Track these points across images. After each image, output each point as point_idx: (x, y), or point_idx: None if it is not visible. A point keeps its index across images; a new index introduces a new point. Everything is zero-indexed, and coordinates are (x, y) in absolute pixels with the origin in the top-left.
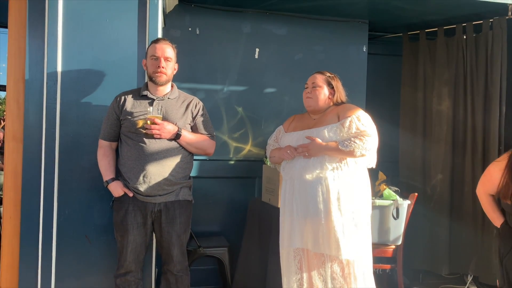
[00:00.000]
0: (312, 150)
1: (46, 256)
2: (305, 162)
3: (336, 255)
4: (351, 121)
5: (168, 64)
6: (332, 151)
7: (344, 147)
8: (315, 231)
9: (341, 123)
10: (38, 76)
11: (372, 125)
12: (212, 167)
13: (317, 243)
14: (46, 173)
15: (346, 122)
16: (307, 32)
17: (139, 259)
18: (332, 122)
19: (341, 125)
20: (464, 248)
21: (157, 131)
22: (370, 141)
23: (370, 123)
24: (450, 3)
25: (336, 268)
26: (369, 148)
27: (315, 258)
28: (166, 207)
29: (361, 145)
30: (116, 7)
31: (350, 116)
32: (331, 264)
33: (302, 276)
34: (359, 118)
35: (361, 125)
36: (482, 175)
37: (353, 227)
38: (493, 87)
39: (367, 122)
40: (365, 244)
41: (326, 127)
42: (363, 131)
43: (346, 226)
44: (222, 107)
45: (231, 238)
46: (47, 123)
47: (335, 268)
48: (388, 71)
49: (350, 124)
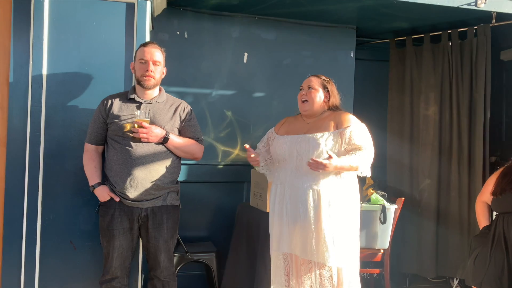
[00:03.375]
0: (330, 169)
1: (29, 262)
2: (298, 170)
3: (325, 262)
4: (351, 133)
5: (157, 68)
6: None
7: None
8: (304, 237)
9: (339, 133)
10: (22, 78)
11: (369, 139)
12: (200, 172)
13: (305, 250)
14: (30, 177)
15: (343, 132)
16: (296, 37)
17: (125, 265)
18: (328, 129)
19: (339, 135)
20: (450, 252)
21: (145, 135)
22: (370, 157)
23: (367, 136)
24: (436, 10)
25: (324, 275)
26: (369, 163)
27: (303, 264)
28: (153, 212)
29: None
30: (103, 9)
31: (348, 126)
32: (319, 271)
33: (289, 282)
34: (358, 131)
35: (360, 139)
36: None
37: (342, 234)
38: (477, 93)
39: (365, 135)
40: (354, 251)
41: (322, 134)
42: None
43: (336, 233)
44: (210, 111)
45: (219, 244)
46: (32, 126)
47: (324, 274)
48: (376, 77)
49: (350, 136)
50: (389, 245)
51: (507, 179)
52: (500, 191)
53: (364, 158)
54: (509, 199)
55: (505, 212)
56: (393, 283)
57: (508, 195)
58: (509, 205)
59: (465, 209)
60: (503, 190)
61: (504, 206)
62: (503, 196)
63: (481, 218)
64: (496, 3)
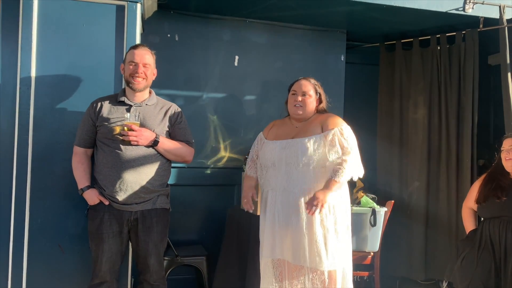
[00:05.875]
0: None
1: (16, 267)
2: (288, 175)
3: (317, 267)
4: (334, 134)
5: (146, 70)
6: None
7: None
8: (296, 243)
9: (324, 135)
10: (11, 80)
11: (354, 140)
12: (190, 175)
13: (297, 256)
14: (18, 180)
15: (329, 135)
16: (286, 41)
17: (114, 269)
18: (316, 132)
19: (324, 137)
20: (439, 254)
21: (135, 138)
22: (355, 162)
23: (352, 137)
24: (425, 15)
25: (316, 280)
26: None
27: (295, 270)
28: (143, 215)
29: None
30: (93, 12)
31: (333, 128)
32: (312, 276)
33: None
34: (342, 132)
35: (344, 139)
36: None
37: (334, 238)
38: (465, 97)
39: (349, 136)
40: (346, 255)
41: (310, 138)
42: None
43: (328, 238)
44: (201, 114)
45: (209, 247)
46: (20, 129)
47: (316, 279)
48: (366, 80)
49: (333, 138)
50: (379, 248)
51: (489, 186)
52: (484, 198)
53: (349, 166)
54: (493, 205)
55: (491, 217)
56: (383, 285)
57: (491, 201)
58: (494, 211)
59: (454, 211)
60: (487, 198)
61: (489, 212)
62: (487, 203)
63: (467, 223)
64: (483, 9)
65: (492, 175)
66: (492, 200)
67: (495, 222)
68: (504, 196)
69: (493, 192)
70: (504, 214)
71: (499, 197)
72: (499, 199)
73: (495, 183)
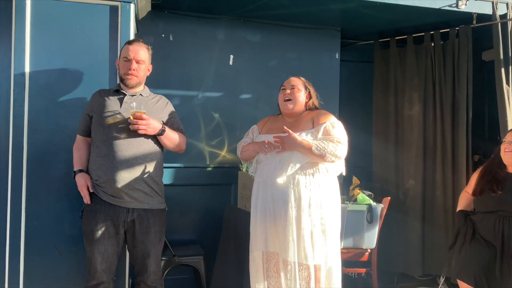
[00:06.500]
0: (287, 144)
1: (13, 269)
2: (279, 165)
3: (304, 262)
4: (325, 128)
5: (140, 66)
6: (305, 150)
7: (317, 150)
8: (284, 237)
9: (315, 129)
10: (4, 82)
11: (344, 134)
12: (186, 174)
13: (286, 249)
14: (13, 183)
15: (320, 128)
16: (281, 39)
17: (111, 270)
18: (307, 127)
19: (316, 131)
20: (436, 250)
21: (144, 127)
22: (342, 148)
23: (342, 131)
24: (418, 12)
25: (304, 274)
26: (339, 155)
27: (284, 263)
28: (140, 216)
29: (333, 152)
30: (87, 12)
31: (325, 122)
32: (299, 270)
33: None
34: (333, 126)
35: (335, 133)
36: None
37: (321, 234)
38: (460, 93)
39: (340, 130)
40: (333, 250)
41: (301, 132)
42: (336, 138)
43: (315, 233)
44: (196, 113)
45: (207, 246)
46: (14, 131)
47: (303, 274)
48: (361, 78)
49: (324, 131)
50: (376, 245)
51: (485, 179)
52: (480, 191)
53: (333, 149)
54: (489, 199)
55: (486, 211)
56: (381, 282)
57: (487, 195)
58: (490, 205)
59: (450, 207)
60: (482, 191)
61: (484, 205)
62: (482, 197)
63: (461, 202)
64: (477, 5)
65: (489, 168)
66: (488, 194)
67: (490, 217)
68: (500, 190)
69: (489, 185)
70: (500, 208)
71: (495, 190)
72: (494, 193)
73: (491, 175)
